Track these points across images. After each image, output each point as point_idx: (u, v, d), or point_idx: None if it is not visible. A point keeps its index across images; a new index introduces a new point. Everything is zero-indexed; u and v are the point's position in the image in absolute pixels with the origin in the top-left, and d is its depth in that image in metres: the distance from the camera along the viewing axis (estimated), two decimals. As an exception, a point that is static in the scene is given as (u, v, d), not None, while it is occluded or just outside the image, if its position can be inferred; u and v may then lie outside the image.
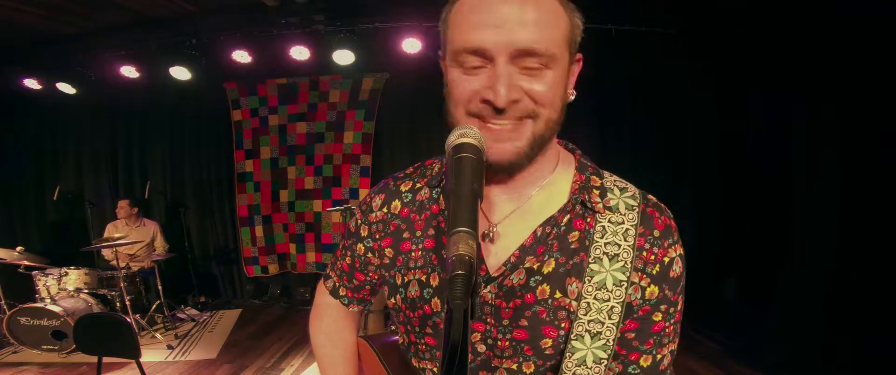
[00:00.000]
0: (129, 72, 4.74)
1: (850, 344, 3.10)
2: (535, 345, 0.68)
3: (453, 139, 0.60)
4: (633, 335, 0.69)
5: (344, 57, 4.38)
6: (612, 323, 0.65)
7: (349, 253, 0.87)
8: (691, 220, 4.80)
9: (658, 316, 0.69)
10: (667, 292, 0.69)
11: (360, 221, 0.85)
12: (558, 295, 0.67)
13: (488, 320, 0.70)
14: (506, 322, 0.69)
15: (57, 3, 4.02)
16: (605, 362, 0.65)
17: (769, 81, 3.97)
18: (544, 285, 0.68)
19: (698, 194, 4.81)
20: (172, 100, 5.38)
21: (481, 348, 0.71)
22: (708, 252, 4.78)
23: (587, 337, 0.65)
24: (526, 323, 0.68)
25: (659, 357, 0.70)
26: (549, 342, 0.67)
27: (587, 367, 0.65)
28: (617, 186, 0.73)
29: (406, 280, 0.76)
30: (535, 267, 0.68)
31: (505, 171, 0.69)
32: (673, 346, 0.72)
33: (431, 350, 0.76)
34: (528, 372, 0.69)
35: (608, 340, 0.65)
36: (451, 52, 0.65)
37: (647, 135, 4.93)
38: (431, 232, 0.75)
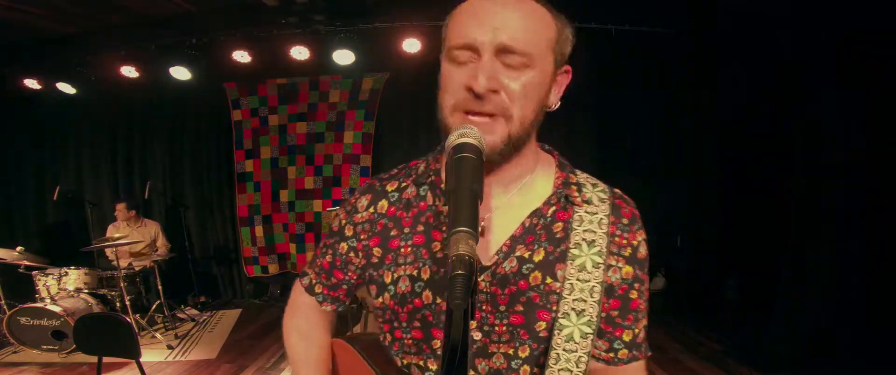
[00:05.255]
0: (129, 72, 4.74)
1: (850, 344, 3.10)
2: (530, 328, 0.74)
3: (453, 139, 0.61)
4: (616, 313, 0.77)
5: (344, 57, 4.38)
6: (594, 301, 0.72)
7: (330, 252, 0.88)
8: (692, 220, 4.81)
9: (634, 294, 0.77)
10: (638, 272, 0.77)
11: (344, 221, 0.86)
12: (549, 280, 0.73)
13: (484, 307, 0.74)
14: (502, 308, 0.74)
15: (57, 3, 4.02)
16: (590, 337, 0.71)
17: (769, 81, 3.97)
18: (536, 272, 0.73)
19: (698, 194, 4.82)
20: (172, 101, 5.38)
21: (477, 335, 0.75)
22: (708, 252, 4.79)
23: (573, 315, 0.72)
24: (521, 309, 0.73)
25: (637, 330, 0.79)
26: (544, 324, 0.73)
27: (575, 342, 0.71)
28: (589, 182, 0.81)
29: (396, 276, 0.78)
30: (526, 255, 0.74)
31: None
32: (645, 321, 0.81)
33: (418, 344, 0.77)
34: (523, 356, 0.74)
35: (592, 317, 0.72)
36: (446, 50, 0.72)
37: (647, 135, 4.93)
38: (420, 228, 0.78)
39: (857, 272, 3.11)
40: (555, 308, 0.73)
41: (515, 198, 0.78)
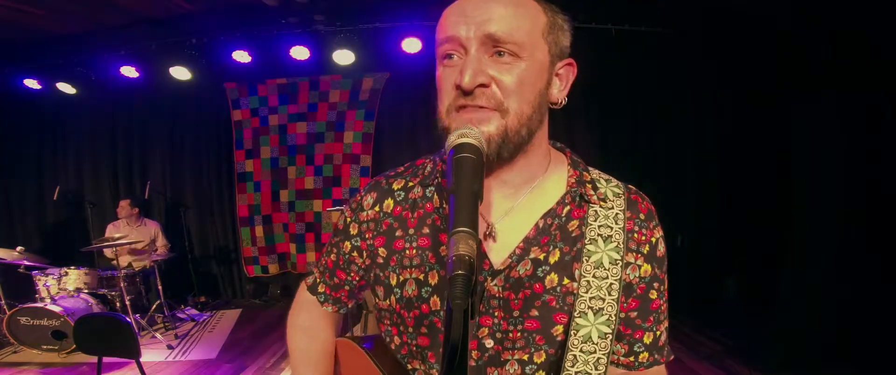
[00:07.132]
0: (129, 72, 4.74)
1: (850, 344, 3.10)
2: (547, 333, 0.70)
3: (454, 139, 0.61)
4: (635, 313, 0.73)
5: (344, 57, 4.38)
6: (613, 299, 0.68)
7: (335, 250, 0.86)
8: (692, 220, 4.81)
9: (654, 294, 0.74)
10: (657, 270, 0.74)
11: (349, 219, 0.84)
12: (566, 281, 0.70)
13: (496, 313, 0.71)
14: (516, 313, 0.70)
15: (57, 3, 4.02)
16: (610, 337, 0.68)
17: (769, 81, 3.97)
18: (552, 274, 0.70)
19: (698, 194, 4.81)
20: (172, 100, 5.37)
21: (489, 343, 0.71)
22: (708, 252, 4.78)
23: (590, 314, 0.68)
24: (536, 313, 0.70)
25: (658, 333, 0.75)
26: (560, 328, 0.70)
27: (593, 343, 0.67)
28: (602, 178, 0.78)
29: (401, 279, 0.75)
30: (541, 257, 0.71)
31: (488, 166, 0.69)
32: (667, 323, 0.77)
33: (423, 351, 0.75)
34: (539, 362, 0.71)
35: (610, 316, 0.68)
36: (438, 54, 0.70)
37: (647, 135, 4.93)
38: (426, 230, 0.76)
39: (857, 272, 3.11)
40: (573, 309, 0.70)
41: (527, 200, 0.74)
